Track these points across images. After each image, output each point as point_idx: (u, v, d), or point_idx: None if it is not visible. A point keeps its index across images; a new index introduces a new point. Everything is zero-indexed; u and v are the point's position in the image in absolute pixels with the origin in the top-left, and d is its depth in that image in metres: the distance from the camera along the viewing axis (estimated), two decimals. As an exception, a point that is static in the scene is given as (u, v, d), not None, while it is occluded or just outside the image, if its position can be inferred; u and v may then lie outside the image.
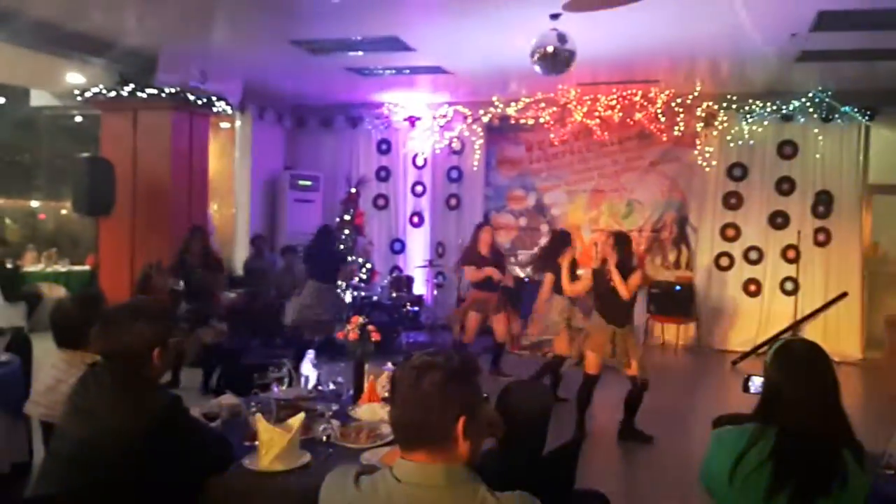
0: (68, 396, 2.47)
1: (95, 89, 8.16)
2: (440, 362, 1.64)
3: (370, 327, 3.54)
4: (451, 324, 7.91)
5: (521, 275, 9.72)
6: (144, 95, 8.03)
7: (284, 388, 3.26)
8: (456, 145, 10.56)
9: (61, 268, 9.99)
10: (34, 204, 11.97)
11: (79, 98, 8.36)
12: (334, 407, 3.02)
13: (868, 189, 9.07)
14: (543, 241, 9.42)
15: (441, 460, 1.62)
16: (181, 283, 6.46)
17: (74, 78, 8.31)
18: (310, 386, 3.43)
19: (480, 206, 10.59)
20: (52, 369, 3.02)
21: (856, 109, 8.84)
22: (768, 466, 2.08)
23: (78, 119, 10.71)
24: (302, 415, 2.67)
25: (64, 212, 11.54)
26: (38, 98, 9.93)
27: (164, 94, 8.05)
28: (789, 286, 9.23)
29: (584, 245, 7.86)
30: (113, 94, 8.10)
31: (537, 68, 6.23)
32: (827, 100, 8.81)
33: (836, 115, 8.92)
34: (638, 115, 9.42)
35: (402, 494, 1.61)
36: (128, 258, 8.24)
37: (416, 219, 10.93)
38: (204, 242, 7.06)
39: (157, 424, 2.29)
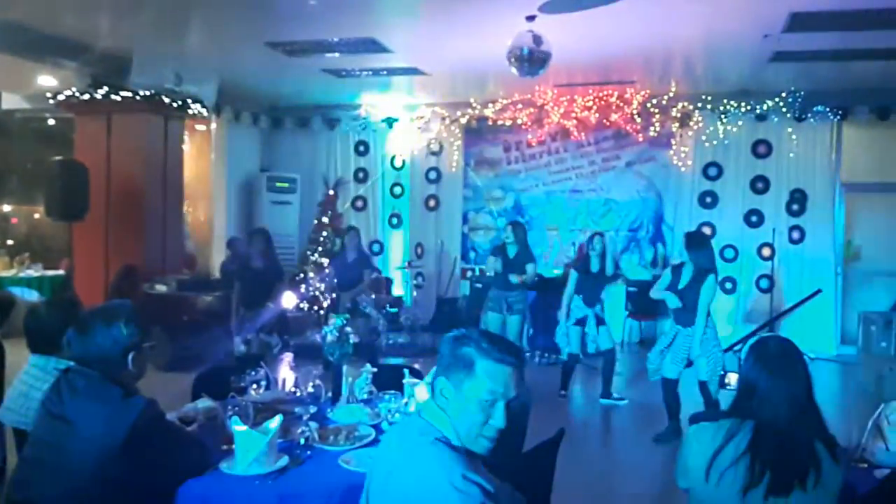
0: (41, 403, 2.44)
1: (68, 92, 8.05)
2: None
3: (348, 329, 3.53)
4: None
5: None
6: (118, 98, 7.93)
7: (262, 390, 3.24)
8: (434, 146, 10.55)
9: (34, 272, 9.84)
10: (6, 208, 11.78)
11: (51, 101, 8.24)
12: (312, 409, 3.01)
13: (841, 187, 9.21)
14: None
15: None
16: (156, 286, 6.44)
17: (47, 81, 8.19)
18: (287, 389, 3.41)
19: (459, 206, 10.59)
20: (26, 375, 2.97)
21: (828, 109, 8.96)
22: (745, 461, 2.11)
23: (51, 122, 10.57)
24: (279, 417, 2.66)
25: (37, 216, 11.36)
26: (10, 101, 9.77)
27: (138, 97, 7.96)
28: (765, 283, 9.33)
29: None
30: (86, 96, 8.00)
31: (514, 70, 6.26)
32: (799, 99, 8.92)
33: (809, 115, 9.04)
34: (614, 116, 9.49)
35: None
36: (102, 262, 8.14)
37: (394, 220, 10.92)
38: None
39: (131, 430, 2.27)
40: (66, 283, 8.64)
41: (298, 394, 3.33)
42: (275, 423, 2.59)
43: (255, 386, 3.22)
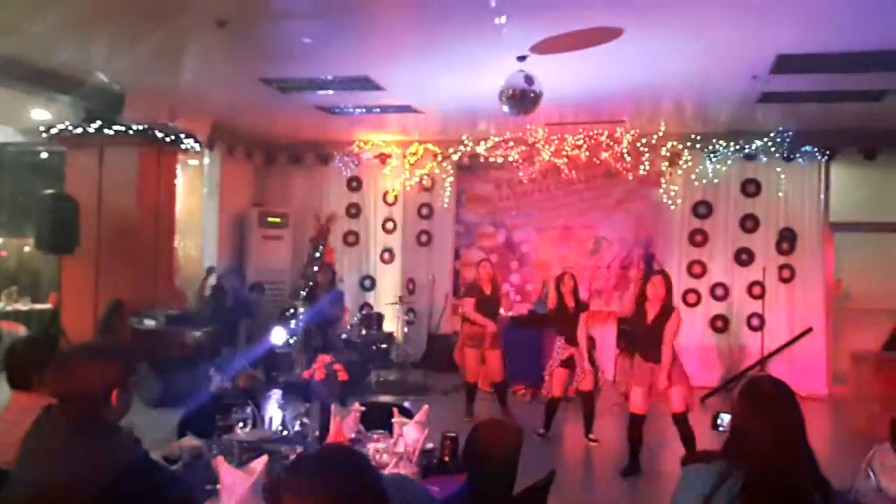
0: (22, 440, 2.39)
1: (61, 125, 8.06)
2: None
3: (336, 366, 3.49)
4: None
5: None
6: (111, 132, 7.93)
7: (248, 429, 3.19)
8: (426, 182, 10.60)
9: (22, 306, 9.76)
10: (-4, 240, 11.73)
11: (44, 134, 8.24)
12: (299, 449, 2.96)
13: (829, 226, 9.28)
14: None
15: None
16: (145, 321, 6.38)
17: (40, 114, 8.21)
18: (274, 427, 3.36)
19: (451, 242, 10.61)
20: (6, 412, 2.91)
21: (816, 149, 9.07)
22: (737, 505, 2.07)
23: (44, 155, 10.57)
24: (265, 457, 2.61)
25: (27, 249, 11.29)
26: (3, 134, 9.79)
27: (131, 131, 7.97)
28: (755, 322, 9.33)
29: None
30: (79, 130, 8.00)
31: (505, 108, 6.31)
32: (788, 140, 9.03)
33: (798, 155, 9.14)
34: (604, 155, 9.57)
35: None
36: (91, 297, 8.07)
37: (386, 255, 10.91)
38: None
39: (114, 468, 2.22)
40: (54, 318, 8.55)
41: (285, 432, 3.28)
42: (260, 463, 2.55)
43: (241, 424, 3.17)
